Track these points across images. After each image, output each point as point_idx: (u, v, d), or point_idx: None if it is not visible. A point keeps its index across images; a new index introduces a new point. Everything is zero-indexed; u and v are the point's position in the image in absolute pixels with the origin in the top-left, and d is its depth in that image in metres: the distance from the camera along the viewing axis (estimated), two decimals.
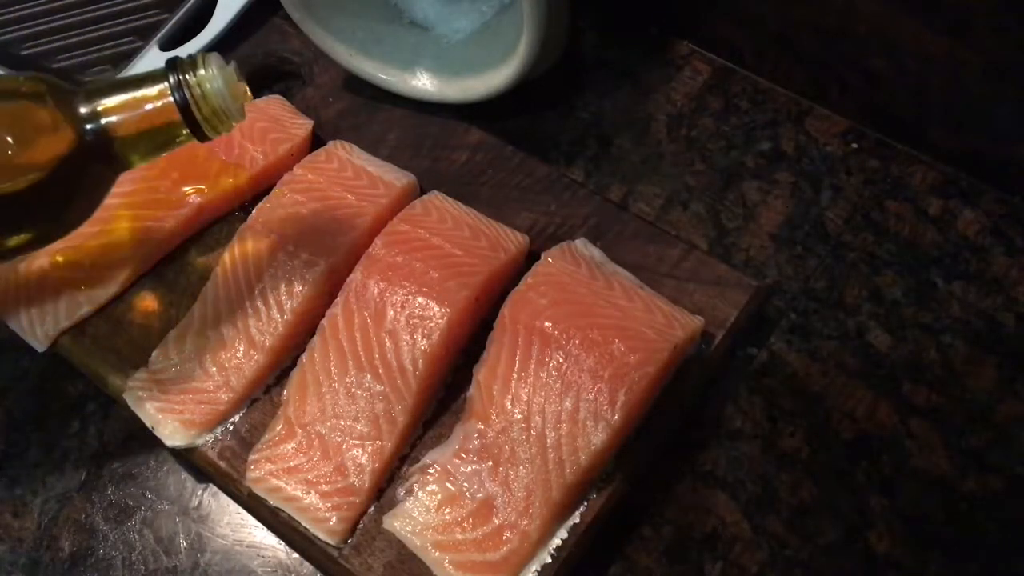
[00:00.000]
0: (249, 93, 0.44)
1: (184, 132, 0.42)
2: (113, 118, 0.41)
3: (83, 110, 0.41)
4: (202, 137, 0.42)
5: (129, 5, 0.72)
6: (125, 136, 0.41)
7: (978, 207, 0.57)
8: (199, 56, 0.42)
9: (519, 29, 0.53)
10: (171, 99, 0.41)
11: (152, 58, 0.67)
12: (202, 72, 0.41)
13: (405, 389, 0.48)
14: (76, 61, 0.70)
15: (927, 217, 0.57)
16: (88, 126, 0.41)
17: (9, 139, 0.40)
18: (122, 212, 0.56)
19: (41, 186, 0.40)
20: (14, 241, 0.42)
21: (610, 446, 0.45)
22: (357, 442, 0.48)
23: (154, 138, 0.42)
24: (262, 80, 0.66)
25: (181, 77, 0.41)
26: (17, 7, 0.73)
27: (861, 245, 0.56)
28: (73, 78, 0.42)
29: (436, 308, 0.49)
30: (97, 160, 0.42)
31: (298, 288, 0.52)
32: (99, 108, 0.41)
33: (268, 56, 0.67)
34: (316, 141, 0.60)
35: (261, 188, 0.58)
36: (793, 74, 0.62)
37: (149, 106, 0.41)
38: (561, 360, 0.46)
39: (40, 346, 0.55)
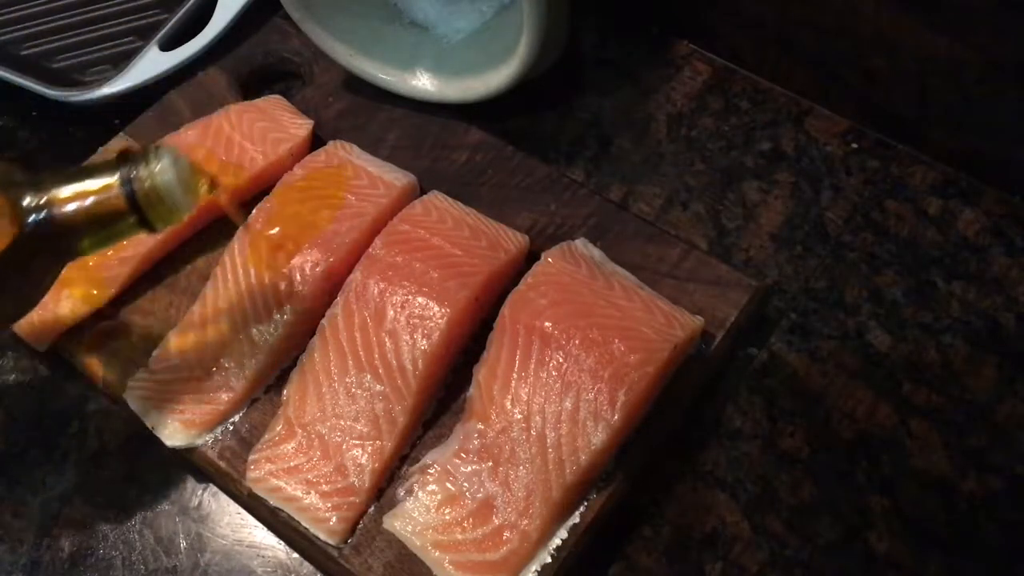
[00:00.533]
0: (205, 186, 0.43)
1: (133, 223, 0.41)
2: (60, 209, 0.40)
3: (29, 201, 0.40)
4: (151, 229, 0.41)
5: (129, 5, 0.72)
6: (72, 228, 0.40)
7: (978, 207, 0.57)
8: (151, 149, 0.41)
9: (519, 29, 0.53)
10: (120, 192, 0.40)
11: (152, 58, 0.67)
12: (153, 166, 0.40)
13: (405, 389, 0.48)
14: (76, 61, 0.70)
15: (927, 217, 0.57)
16: (34, 217, 0.40)
17: None
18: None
19: None
20: None
21: (610, 446, 0.45)
22: (357, 442, 0.48)
23: (102, 230, 0.41)
24: (262, 80, 0.66)
25: (131, 171, 0.40)
26: (17, 7, 0.73)
27: (861, 245, 0.56)
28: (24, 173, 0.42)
29: (436, 308, 0.49)
30: (42, 250, 0.41)
31: (298, 288, 0.52)
32: (45, 200, 0.40)
33: (268, 56, 0.67)
34: (316, 141, 0.60)
35: (261, 188, 0.58)
36: (793, 74, 0.62)
37: (97, 198, 0.40)
38: (561, 360, 0.46)
39: (40, 346, 0.55)
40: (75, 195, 0.40)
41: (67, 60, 0.70)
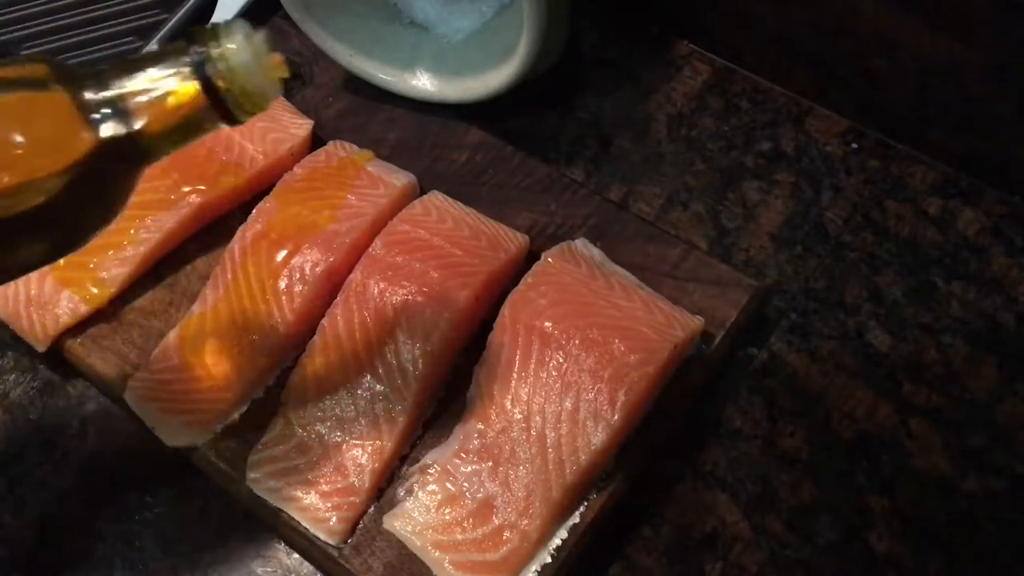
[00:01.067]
0: (284, 65, 0.37)
1: (212, 115, 0.36)
2: (129, 104, 0.35)
3: (94, 96, 0.35)
4: (232, 120, 0.36)
5: (129, 5, 0.72)
6: (145, 124, 0.35)
7: (978, 207, 0.57)
8: (222, 25, 0.36)
9: (519, 29, 0.53)
10: (192, 78, 0.35)
11: None
12: (227, 45, 0.35)
13: (405, 389, 0.48)
14: (76, 61, 0.70)
15: (927, 217, 0.57)
16: (101, 114, 0.35)
17: (14, 137, 0.34)
18: (122, 212, 0.56)
19: (52, 190, 0.35)
20: (24, 255, 0.37)
21: (610, 446, 0.45)
22: (357, 442, 0.48)
23: (178, 125, 0.36)
24: None
25: (202, 51, 0.35)
26: (17, 7, 0.73)
27: (861, 245, 0.56)
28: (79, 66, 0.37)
29: (436, 308, 0.49)
30: (115, 154, 0.36)
31: (298, 288, 0.52)
32: (113, 94, 0.35)
33: None
34: (316, 141, 0.60)
35: (261, 188, 0.58)
36: (793, 74, 0.62)
37: (168, 87, 0.35)
38: (561, 360, 0.46)
39: (40, 346, 0.55)
40: (143, 87, 0.35)
41: (67, 60, 0.70)
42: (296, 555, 0.50)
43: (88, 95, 0.35)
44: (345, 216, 0.53)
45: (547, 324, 0.47)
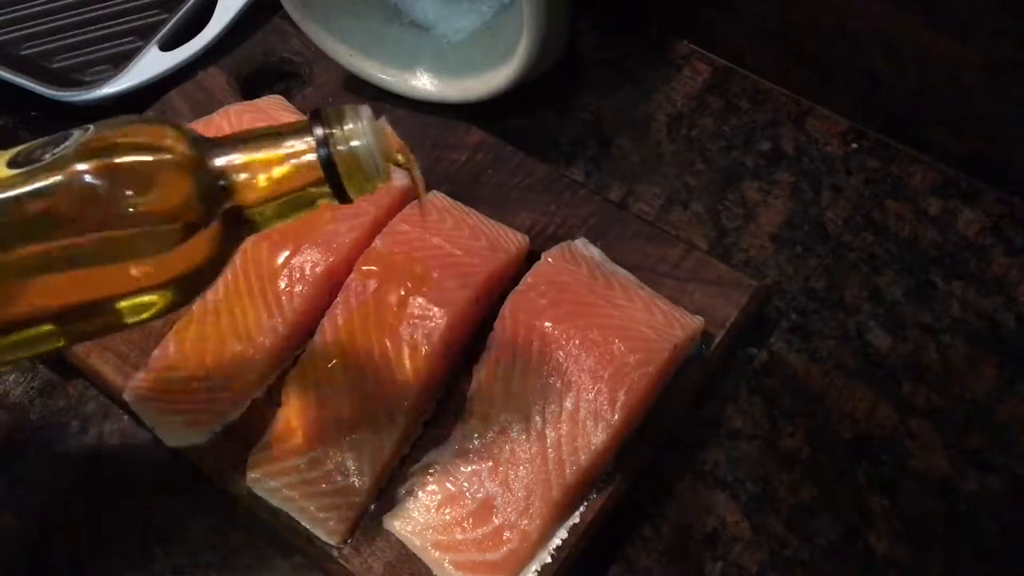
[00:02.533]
0: (405, 150, 0.39)
1: (325, 193, 0.37)
2: (246, 175, 0.36)
3: (216, 164, 0.36)
4: (344, 199, 0.37)
5: (129, 5, 0.72)
6: (258, 195, 0.36)
7: (978, 207, 0.57)
8: (347, 108, 0.37)
9: (519, 29, 0.53)
10: (314, 156, 0.36)
11: (152, 58, 0.67)
12: (350, 126, 0.36)
13: (405, 389, 0.48)
14: (76, 61, 0.70)
15: (927, 217, 0.57)
16: (221, 182, 0.36)
17: (134, 197, 0.35)
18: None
19: (163, 249, 0.35)
20: (132, 317, 0.37)
21: (610, 446, 0.45)
22: (357, 442, 0.48)
23: (290, 199, 0.36)
24: (262, 80, 0.66)
25: (327, 131, 0.36)
26: (17, 7, 0.73)
27: (861, 245, 0.56)
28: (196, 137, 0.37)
29: (436, 308, 0.49)
30: (226, 221, 0.36)
31: (298, 288, 0.52)
32: (234, 163, 0.36)
33: (268, 56, 0.67)
34: None
35: None
36: (793, 74, 0.62)
37: (288, 163, 0.36)
38: (561, 360, 0.46)
39: None
40: (264, 159, 0.36)
41: (67, 60, 0.70)
42: (296, 555, 0.50)
43: (210, 162, 0.36)
44: (345, 216, 0.53)
45: (547, 324, 0.47)
